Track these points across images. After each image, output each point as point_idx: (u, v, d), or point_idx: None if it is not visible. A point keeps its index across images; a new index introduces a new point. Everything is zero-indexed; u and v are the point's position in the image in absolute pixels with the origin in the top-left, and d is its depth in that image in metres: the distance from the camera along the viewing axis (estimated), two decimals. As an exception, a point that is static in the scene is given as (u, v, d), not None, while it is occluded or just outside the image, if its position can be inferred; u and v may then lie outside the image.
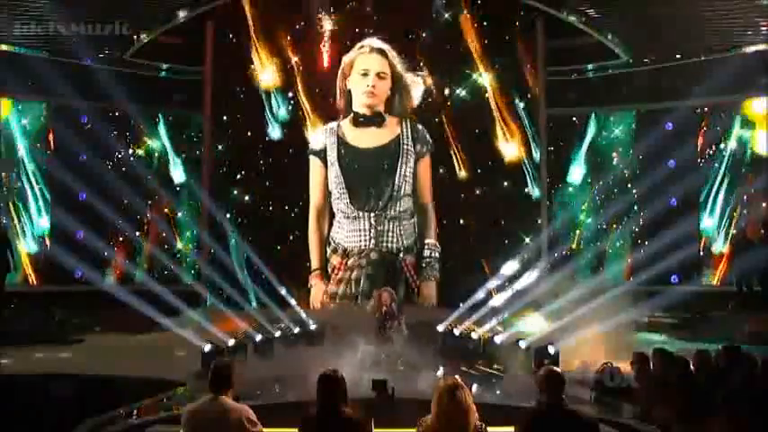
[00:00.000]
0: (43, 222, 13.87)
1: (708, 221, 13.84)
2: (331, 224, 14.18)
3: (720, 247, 13.70)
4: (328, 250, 14.13)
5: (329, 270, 14.05)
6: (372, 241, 13.82)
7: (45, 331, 11.54)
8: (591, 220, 14.51)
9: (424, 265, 14.04)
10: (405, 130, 14.09)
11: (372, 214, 13.96)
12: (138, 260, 14.34)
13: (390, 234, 13.96)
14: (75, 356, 10.17)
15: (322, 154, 14.17)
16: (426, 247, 14.12)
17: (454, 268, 13.80)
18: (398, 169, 14.00)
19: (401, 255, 13.90)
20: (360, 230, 14.01)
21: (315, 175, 14.28)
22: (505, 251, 13.74)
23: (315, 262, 14.11)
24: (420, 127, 14.13)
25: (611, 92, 14.54)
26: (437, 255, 14.06)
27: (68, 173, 13.21)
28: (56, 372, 8.14)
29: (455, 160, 14.10)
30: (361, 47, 13.92)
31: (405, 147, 14.08)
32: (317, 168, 14.25)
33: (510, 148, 14.26)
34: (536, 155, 14.34)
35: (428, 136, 14.16)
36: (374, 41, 13.90)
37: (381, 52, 13.88)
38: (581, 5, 14.22)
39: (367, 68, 13.85)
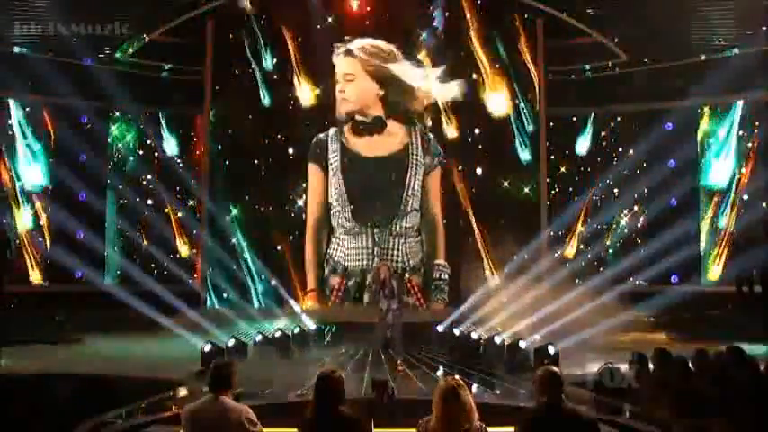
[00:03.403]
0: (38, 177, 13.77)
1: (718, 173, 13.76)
2: (329, 240, 13.50)
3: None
4: (326, 269, 13.44)
5: (327, 291, 13.40)
6: (376, 260, 12.93)
7: (45, 331, 11.53)
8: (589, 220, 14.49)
9: (433, 287, 13.35)
10: (414, 140, 13.53)
11: (376, 230, 13.22)
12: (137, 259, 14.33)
13: (395, 252, 13.17)
14: (75, 356, 10.16)
15: (323, 161, 13.63)
16: (436, 268, 13.41)
17: (454, 268, 13.71)
18: (406, 182, 13.34)
19: (407, 275, 13.11)
20: (362, 248, 13.22)
21: (314, 185, 13.66)
22: (506, 251, 13.66)
23: (311, 281, 13.44)
24: (431, 137, 13.63)
25: (611, 92, 14.53)
26: (447, 276, 13.40)
27: (68, 173, 13.22)
28: (56, 372, 8.14)
29: (455, 160, 14.02)
30: (338, 49, 13.52)
31: (414, 158, 13.46)
32: (317, 177, 13.64)
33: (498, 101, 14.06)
34: (528, 126, 14.17)
35: (439, 147, 13.65)
36: (355, 42, 13.54)
37: (349, 53, 13.40)
38: (581, 5, 14.21)
39: (337, 72, 13.46)
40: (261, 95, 14.22)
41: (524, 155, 14.25)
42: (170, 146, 14.77)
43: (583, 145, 14.72)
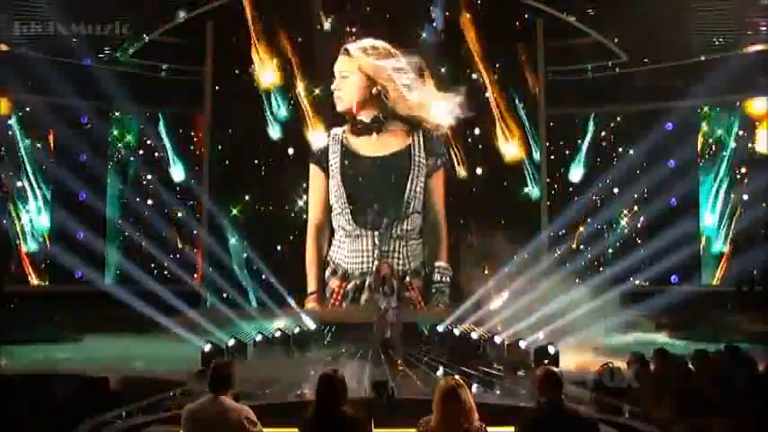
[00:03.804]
0: (43, 221, 13.82)
1: (708, 219, 13.83)
2: (330, 242, 13.37)
3: (721, 246, 13.70)
4: (327, 272, 13.34)
5: (327, 294, 13.29)
6: (376, 263, 12.66)
7: (45, 331, 11.53)
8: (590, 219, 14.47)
9: (434, 290, 13.20)
10: (417, 141, 13.38)
11: (376, 233, 13.07)
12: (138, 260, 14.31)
13: (396, 255, 13.00)
14: (75, 356, 10.17)
15: (324, 162, 13.50)
16: (437, 270, 13.24)
17: (454, 268, 13.65)
18: (408, 184, 13.21)
19: (407, 278, 12.92)
20: (362, 250, 13.10)
21: (315, 186, 13.56)
22: (506, 251, 13.59)
23: (311, 284, 13.33)
24: (434, 137, 13.45)
25: (611, 92, 14.52)
26: (448, 279, 13.26)
27: (68, 173, 13.21)
28: (56, 372, 8.14)
29: (455, 160, 13.99)
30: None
31: (416, 159, 13.31)
32: (319, 178, 13.55)
33: (510, 148, 14.11)
34: (536, 155, 14.24)
35: (443, 147, 13.47)
36: (357, 43, 13.52)
37: (346, 52, 13.38)
38: (581, 5, 14.21)
39: (335, 71, 13.43)
40: (260, 94, 14.15)
41: (534, 192, 14.22)
42: (170, 146, 14.74)
43: (577, 171, 14.69)
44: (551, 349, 8.97)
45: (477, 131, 14.12)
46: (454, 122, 13.72)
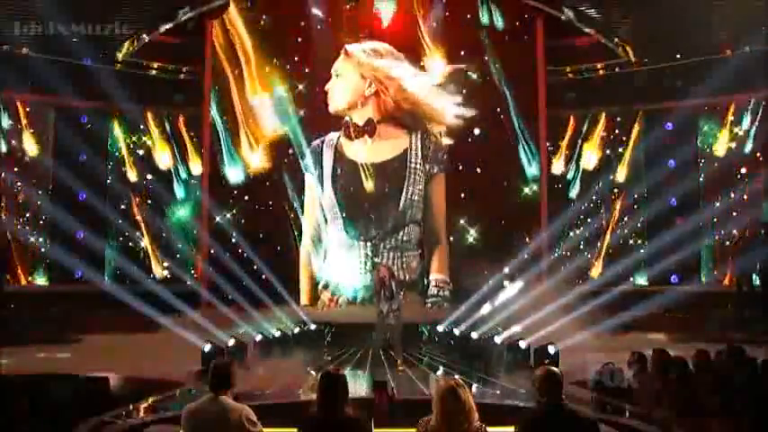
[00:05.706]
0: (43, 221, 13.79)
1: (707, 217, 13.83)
2: (325, 253, 13.09)
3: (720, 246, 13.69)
4: (319, 284, 13.07)
5: (319, 307, 13.03)
6: (369, 276, 12.22)
7: (45, 331, 11.52)
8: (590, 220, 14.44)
9: (430, 305, 12.71)
10: (414, 145, 12.94)
11: (370, 244, 12.68)
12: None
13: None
14: (75, 356, 10.16)
15: (318, 170, 13.14)
16: (434, 283, 12.70)
17: (454, 268, 13.58)
18: (404, 192, 12.74)
19: (402, 292, 12.14)
20: (354, 263, 12.68)
21: (310, 197, 13.20)
22: (506, 251, 13.57)
23: (304, 297, 13.06)
24: (433, 141, 13.05)
25: (611, 92, 14.50)
26: (446, 293, 12.73)
27: (68, 173, 13.19)
28: (56, 372, 8.13)
29: (454, 160, 13.93)
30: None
31: (412, 165, 12.87)
32: (312, 187, 13.20)
33: (508, 147, 14.07)
34: (534, 156, 14.22)
35: (442, 152, 13.04)
36: (357, 44, 13.37)
37: (345, 52, 13.07)
38: (581, 5, 14.20)
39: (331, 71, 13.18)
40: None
41: (531, 170, 14.11)
42: (169, 146, 14.71)
43: (582, 146, 14.68)
44: (551, 349, 8.96)
45: (477, 131, 14.07)
46: (454, 123, 13.67)
